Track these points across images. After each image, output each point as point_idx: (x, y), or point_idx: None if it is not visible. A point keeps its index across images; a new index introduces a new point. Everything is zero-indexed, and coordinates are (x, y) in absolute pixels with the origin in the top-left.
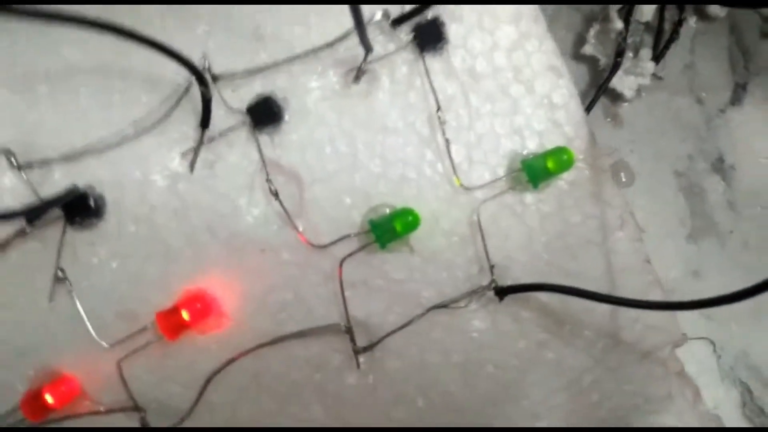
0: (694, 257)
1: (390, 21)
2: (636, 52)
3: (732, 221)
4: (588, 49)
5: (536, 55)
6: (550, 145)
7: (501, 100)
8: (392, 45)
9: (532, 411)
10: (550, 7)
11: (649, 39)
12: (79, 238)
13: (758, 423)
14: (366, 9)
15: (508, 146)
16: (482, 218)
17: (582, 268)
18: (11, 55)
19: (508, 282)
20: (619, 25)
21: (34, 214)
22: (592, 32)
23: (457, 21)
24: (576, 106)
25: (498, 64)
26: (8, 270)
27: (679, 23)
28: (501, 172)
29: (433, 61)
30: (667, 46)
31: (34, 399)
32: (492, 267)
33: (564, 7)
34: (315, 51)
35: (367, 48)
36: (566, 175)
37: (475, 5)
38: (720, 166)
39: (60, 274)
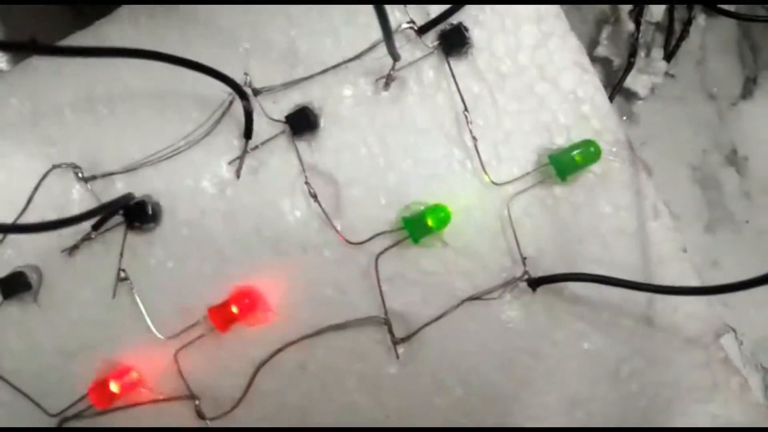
0: (712, 247)
1: (416, 29)
2: (648, 52)
3: (747, 211)
4: (601, 51)
5: (560, 52)
6: (578, 139)
7: (527, 98)
8: (419, 52)
9: (569, 399)
10: (562, 11)
11: (660, 38)
12: (138, 241)
13: None
14: (392, 18)
15: (536, 142)
16: (513, 212)
17: (615, 258)
18: (76, 80)
19: (540, 273)
20: (630, 26)
21: (92, 217)
22: (604, 34)
23: (479, 25)
24: (602, 99)
25: (522, 63)
26: (75, 271)
27: (688, 22)
28: (530, 167)
29: (459, 65)
30: (677, 45)
31: (100, 388)
32: (524, 259)
33: (576, 11)
34: (346, 62)
35: (395, 57)
36: (596, 167)
37: (496, 7)
38: (734, 158)
39: (122, 274)
